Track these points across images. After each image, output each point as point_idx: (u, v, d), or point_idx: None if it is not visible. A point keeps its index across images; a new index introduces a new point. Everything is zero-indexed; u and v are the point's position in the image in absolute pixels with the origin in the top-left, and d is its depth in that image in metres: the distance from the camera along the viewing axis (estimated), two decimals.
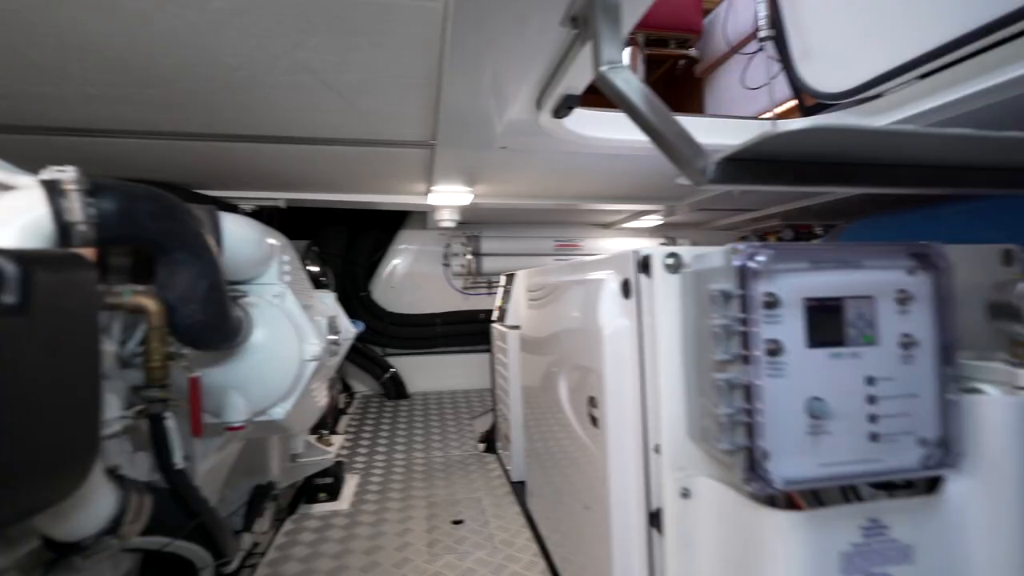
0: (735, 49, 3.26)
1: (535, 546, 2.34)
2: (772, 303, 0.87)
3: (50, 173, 0.98)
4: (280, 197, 3.34)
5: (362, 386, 5.25)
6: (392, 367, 5.05)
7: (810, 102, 2.27)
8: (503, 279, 3.48)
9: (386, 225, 5.15)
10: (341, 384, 4.70)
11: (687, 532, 1.12)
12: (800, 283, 0.89)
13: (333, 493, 2.90)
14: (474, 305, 5.31)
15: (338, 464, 2.98)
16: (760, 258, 0.87)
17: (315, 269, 3.90)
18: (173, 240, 1.09)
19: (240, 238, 1.43)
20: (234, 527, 2.01)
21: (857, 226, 3.39)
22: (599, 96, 1.40)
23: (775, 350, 0.87)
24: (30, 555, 1.00)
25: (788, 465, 0.86)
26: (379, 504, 2.84)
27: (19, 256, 0.64)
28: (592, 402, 1.47)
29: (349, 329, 2.55)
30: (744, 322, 0.87)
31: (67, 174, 0.94)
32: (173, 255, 1.11)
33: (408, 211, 5.02)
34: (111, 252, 1.25)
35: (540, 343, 2.23)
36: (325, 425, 3.60)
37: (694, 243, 5.40)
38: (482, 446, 3.69)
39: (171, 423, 1.17)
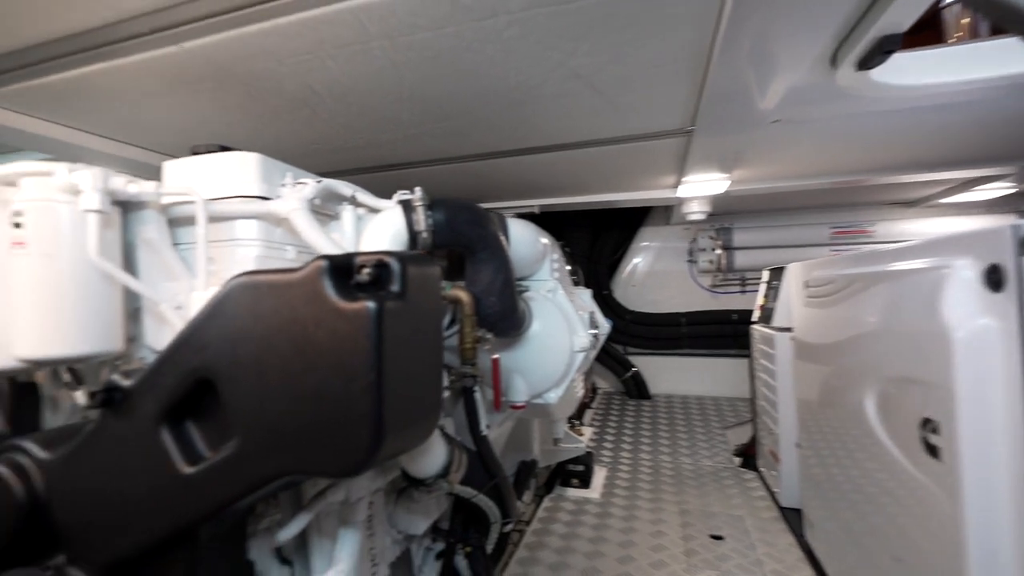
0: None
1: None
2: None
3: (402, 195, 1.29)
4: (535, 204, 3.68)
5: (604, 383, 5.38)
6: (634, 366, 5.03)
7: None
8: (766, 274, 3.09)
9: (627, 223, 5.17)
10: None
11: None
12: None
13: (584, 481, 3.04)
14: (724, 304, 4.86)
15: (588, 454, 3.11)
16: None
17: (569, 268, 4.18)
18: (480, 242, 1.30)
19: (522, 239, 1.61)
20: None
21: None
22: None
23: None
24: (392, 482, 1.35)
25: None
26: (629, 501, 2.85)
27: (399, 256, 0.84)
28: (928, 425, 1.14)
29: (604, 325, 2.64)
30: None
31: (415, 195, 1.21)
32: (478, 255, 1.33)
33: (651, 207, 4.92)
34: (435, 254, 1.57)
35: (828, 349, 1.87)
36: (575, 415, 3.81)
37: None
38: (738, 460, 3.35)
39: (478, 396, 1.40)
